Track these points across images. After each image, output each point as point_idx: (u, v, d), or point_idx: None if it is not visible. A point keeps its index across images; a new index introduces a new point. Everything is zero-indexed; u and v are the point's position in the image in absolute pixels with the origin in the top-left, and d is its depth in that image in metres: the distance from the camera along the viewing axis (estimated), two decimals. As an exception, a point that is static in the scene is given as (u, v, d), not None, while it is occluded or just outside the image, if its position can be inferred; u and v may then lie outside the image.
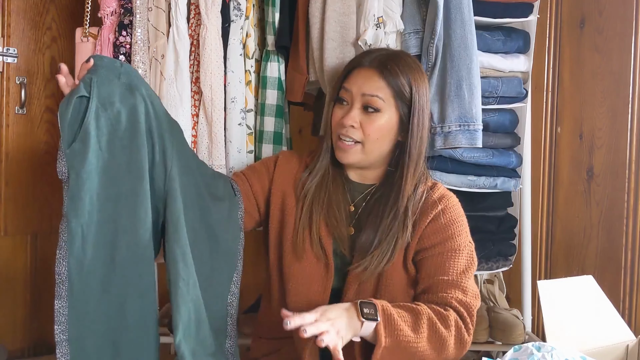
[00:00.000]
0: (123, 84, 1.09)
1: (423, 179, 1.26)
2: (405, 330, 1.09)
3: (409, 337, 1.09)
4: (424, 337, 1.10)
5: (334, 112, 1.26)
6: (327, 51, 1.40)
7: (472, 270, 1.22)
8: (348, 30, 1.40)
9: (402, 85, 1.22)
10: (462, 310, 1.15)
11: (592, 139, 1.83)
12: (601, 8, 1.81)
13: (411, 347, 1.09)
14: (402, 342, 1.08)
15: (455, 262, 1.20)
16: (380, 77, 1.22)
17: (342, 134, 1.23)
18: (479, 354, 1.68)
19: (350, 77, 1.26)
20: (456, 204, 1.27)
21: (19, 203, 1.76)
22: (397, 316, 1.09)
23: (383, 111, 1.22)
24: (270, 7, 1.47)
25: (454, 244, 1.21)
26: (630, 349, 1.36)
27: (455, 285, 1.18)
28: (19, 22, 1.73)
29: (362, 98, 1.22)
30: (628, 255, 1.72)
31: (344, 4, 1.40)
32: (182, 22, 1.42)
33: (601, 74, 1.81)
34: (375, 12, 1.39)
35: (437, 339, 1.11)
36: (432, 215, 1.22)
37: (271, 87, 1.49)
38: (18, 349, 1.79)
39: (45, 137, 1.80)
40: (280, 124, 1.50)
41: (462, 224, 1.24)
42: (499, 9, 1.56)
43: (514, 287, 1.84)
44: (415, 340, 1.09)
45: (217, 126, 1.43)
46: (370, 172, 1.29)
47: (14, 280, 1.78)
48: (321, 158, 1.29)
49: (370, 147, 1.23)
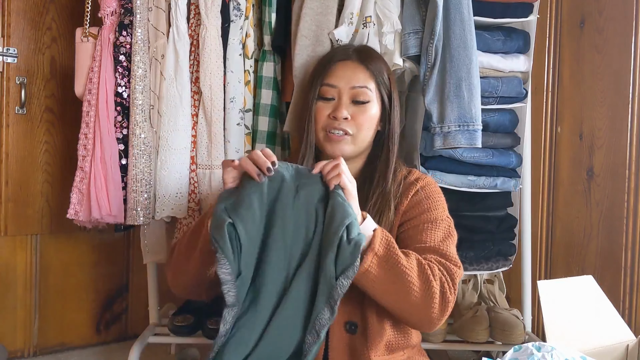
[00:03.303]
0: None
1: (399, 165, 1.29)
2: (399, 252, 1.08)
3: (400, 259, 1.07)
4: (414, 268, 1.08)
5: (319, 109, 1.27)
6: (298, 47, 1.40)
7: (452, 241, 1.20)
8: (323, 30, 1.41)
9: (382, 74, 1.28)
10: (443, 269, 1.12)
11: (592, 139, 1.83)
12: (601, 8, 1.80)
13: (401, 269, 1.07)
14: (392, 258, 1.07)
15: (432, 233, 1.19)
16: (365, 69, 1.26)
17: (334, 127, 1.24)
18: (479, 354, 1.68)
19: (332, 72, 1.27)
20: (432, 183, 1.28)
21: (19, 203, 1.76)
22: (393, 241, 1.10)
23: (372, 102, 1.26)
24: (267, 7, 1.47)
25: (430, 216, 1.21)
26: (630, 349, 1.36)
27: (433, 250, 1.16)
28: (19, 22, 1.73)
29: (351, 91, 1.25)
30: (628, 255, 1.72)
31: (322, 4, 1.41)
32: (182, 22, 1.42)
33: (601, 74, 1.80)
34: (354, 11, 1.39)
35: (424, 279, 1.08)
36: (411, 193, 1.24)
37: (266, 87, 1.49)
38: (18, 349, 1.79)
39: (45, 137, 1.80)
40: (275, 124, 1.50)
41: (439, 200, 1.25)
42: (499, 9, 1.56)
43: (514, 287, 1.84)
44: (407, 265, 1.07)
45: (216, 126, 1.43)
46: (352, 164, 1.28)
47: (14, 280, 1.78)
48: (306, 158, 1.28)
49: (361, 137, 1.25)
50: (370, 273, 1.06)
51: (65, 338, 1.88)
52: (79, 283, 1.90)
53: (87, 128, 1.47)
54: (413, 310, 1.11)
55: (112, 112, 1.46)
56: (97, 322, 1.95)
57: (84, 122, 1.48)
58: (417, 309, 1.10)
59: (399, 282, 1.08)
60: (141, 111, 1.44)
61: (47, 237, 1.83)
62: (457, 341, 1.64)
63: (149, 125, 1.46)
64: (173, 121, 1.42)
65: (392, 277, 1.07)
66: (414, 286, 1.07)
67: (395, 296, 1.10)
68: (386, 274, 1.07)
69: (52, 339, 1.85)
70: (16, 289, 1.78)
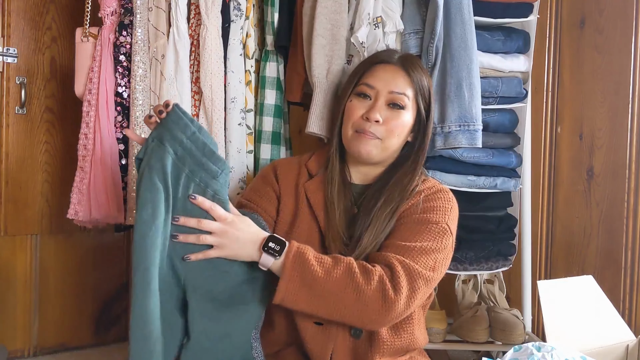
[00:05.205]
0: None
1: (421, 174, 1.28)
2: (315, 267, 1.07)
3: (316, 275, 1.06)
4: (334, 278, 1.06)
5: (353, 106, 1.24)
6: (315, 47, 1.40)
7: (437, 248, 1.14)
8: (339, 29, 1.40)
9: (423, 85, 1.25)
10: (399, 269, 1.08)
11: (592, 139, 1.83)
12: (601, 8, 1.81)
13: (318, 285, 1.06)
14: (307, 277, 1.06)
15: (419, 234, 1.15)
16: (407, 75, 1.24)
17: (364, 128, 1.21)
18: (479, 354, 1.68)
19: (373, 73, 1.25)
20: (442, 191, 1.25)
21: (19, 203, 1.76)
22: (311, 254, 1.08)
23: (407, 109, 1.23)
24: (269, 7, 1.47)
25: (424, 217, 1.18)
26: (630, 349, 1.36)
27: (406, 251, 1.12)
28: (19, 22, 1.73)
29: (388, 95, 1.22)
30: (628, 255, 1.72)
31: (335, 2, 1.40)
32: (182, 22, 1.42)
33: (601, 74, 1.80)
34: (370, 11, 1.39)
35: (352, 287, 1.06)
36: (417, 198, 1.22)
37: (270, 87, 1.49)
38: (18, 349, 1.79)
39: (45, 137, 1.80)
40: (279, 124, 1.50)
41: (441, 207, 1.21)
42: (499, 9, 1.56)
43: (514, 287, 1.84)
44: (324, 279, 1.06)
45: (217, 126, 1.43)
46: (372, 170, 1.28)
47: (14, 280, 1.78)
48: (334, 163, 1.26)
49: (389, 143, 1.23)
50: (287, 300, 1.08)
51: (64, 338, 1.88)
52: (78, 283, 1.90)
53: (87, 128, 1.47)
54: (350, 318, 1.10)
55: (112, 112, 1.46)
56: (96, 322, 1.95)
57: (84, 122, 1.48)
58: (353, 316, 1.09)
59: (321, 298, 1.07)
60: (141, 111, 1.44)
61: (46, 238, 1.83)
62: (457, 341, 1.63)
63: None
64: (173, 121, 1.41)
65: (313, 296, 1.07)
66: (338, 295, 1.07)
67: (325, 311, 1.09)
68: (306, 294, 1.07)
69: (51, 340, 1.85)
70: (16, 289, 1.78)
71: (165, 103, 1.08)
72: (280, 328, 1.23)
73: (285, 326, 1.23)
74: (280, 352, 1.25)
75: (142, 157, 1.08)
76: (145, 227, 1.02)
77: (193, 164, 1.09)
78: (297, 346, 1.22)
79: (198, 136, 1.09)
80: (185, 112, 1.09)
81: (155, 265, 1.03)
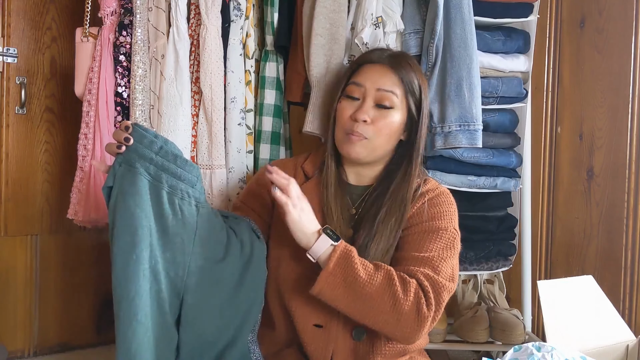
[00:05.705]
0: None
1: (421, 174, 1.27)
2: (359, 269, 1.07)
3: (358, 276, 1.06)
4: (375, 284, 1.06)
5: (342, 108, 1.25)
6: (313, 47, 1.40)
7: (452, 254, 1.16)
8: (338, 28, 1.40)
9: (413, 83, 1.23)
10: (426, 284, 1.09)
11: (592, 139, 1.83)
12: (601, 8, 1.81)
13: (358, 287, 1.06)
14: (349, 277, 1.06)
15: (432, 243, 1.16)
16: (394, 73, 1.23)
17: (353, 129, 1.21)
18: (479, 354, 1.68)
19: (361, 72, 1.25)
20: (444, 194, 1.26)
21: (19, 203, 1.76)
22: (356, 256, 1.09)
23: (396, 108, 1.22)
24: (269, 7, 1.47)
25: (433, 225, 1.19)
26: (630, 349, 1.36)
27: (426, 263, 1.12)
28: (19, 22, 1.73)
29: (376, 93, 1.22)
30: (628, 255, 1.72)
31: (334, 1, 1.40)
32: (182, 22, 1.42)
33: (601, 74, 1.80)
34: (373, 12, 1.39)
35: (390, 295, 1.07)
36: (420, 202, 1.22)
37: (269, 87, 1.49)
38: (18, 349, 1.79)
39: (45, 137, 1.80)
40: (279, 124, 1.50)
41: (447, 212, 1.22)
42: (499, 9, 1.56)
43: (514, 287, 1.84)
44: (365, 282, 1.06)
45: (217, 126, 1.43)
46: (368, 171, 1.28)
47: (14, 280, 1.78)
48: (329, 165, 1.27)
49: (378, 143, 1.22)
50: (324, 293, 1.08)
51: (65, 338, 1.88)
52: (79, 283, 1.90)
53: (87, 128, 1.47)
54: (382, 326, 1.10)
55: (112, 112, 1.46)
56: (97, 322, 1.95)
57: (84, 122, 1.48)
58: (386, 325, 1.09)
59: (359, 300, 1.07)
60: (141, 111, 1.44)
61: (47, 237, 1.83)
62: (457, 341, 1.64)
63: (149, 125, 1.45)
64: (173, 121, 1.41)
65: (351, 296, 1.07)
66: (376, 301, 1.07)
67: (359, 313, 1.09)
68: (344, 292, 1.07)
69: (52, 339, 1.85)
70: (16, 289, 1.78)
71: (124, 125, 1.03)
72: (281, 328, 1.23)
73: (285, 326, 1.23)
74: (280, 352, 1.25)
75: (111, 184, 1.02)
76: (125, 256, 0.98)
77: (171, 179, 1.05)
78: (298, 346, 1.22)
79: (166, 149, 1.05)
80: (146, 129, 1.04)
81: (140, 296, 0.99)
